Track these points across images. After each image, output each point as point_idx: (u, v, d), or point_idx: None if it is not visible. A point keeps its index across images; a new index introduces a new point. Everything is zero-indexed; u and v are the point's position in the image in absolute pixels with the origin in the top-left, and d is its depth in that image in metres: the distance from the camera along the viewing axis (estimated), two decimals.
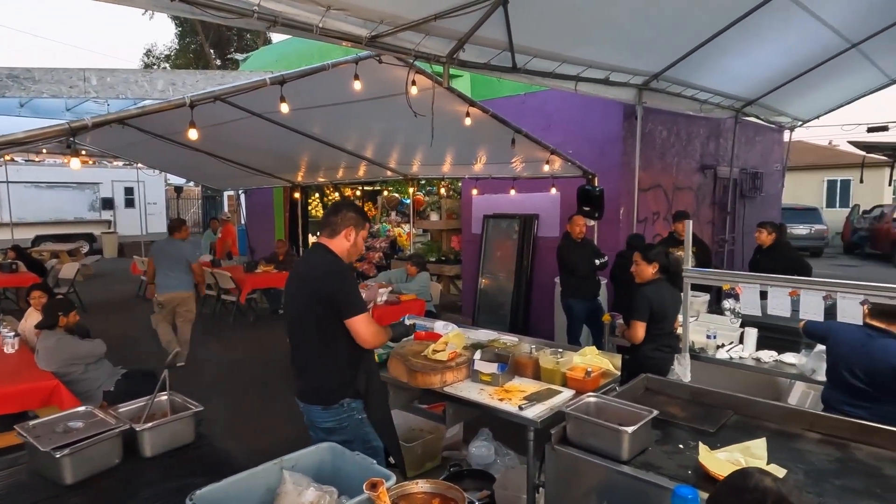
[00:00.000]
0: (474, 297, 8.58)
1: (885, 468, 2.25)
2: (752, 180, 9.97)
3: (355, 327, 2.66)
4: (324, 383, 2.73)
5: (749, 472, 1.48)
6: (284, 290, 2.95)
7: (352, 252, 2.83)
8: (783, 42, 6.89)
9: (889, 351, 2.82)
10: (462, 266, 9.34)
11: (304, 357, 2.79)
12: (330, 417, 2.71)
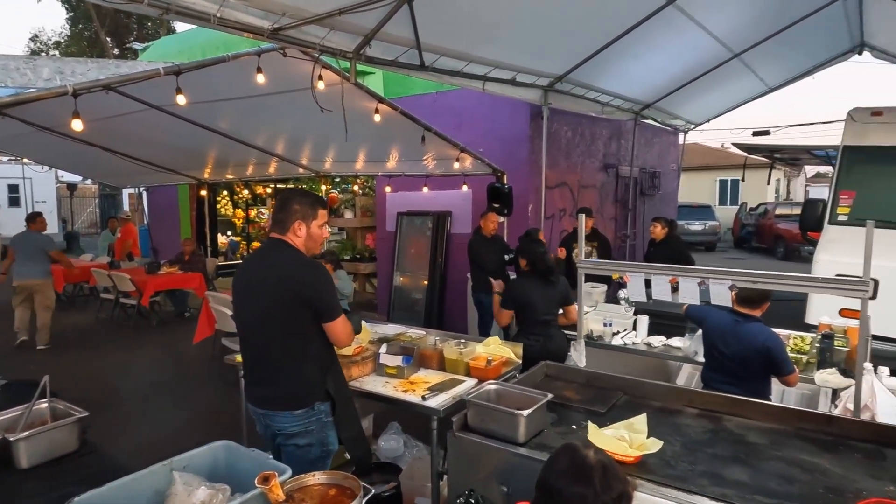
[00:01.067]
0: (389, 295, 8.59)
1: (750, 436, 2.50)
2: (650, 179, 10.62)
3: (335, 329, 2.54)
4: (297, 388, 2.57)
5: (575, 446, 1.55)
6: (237, 291, 2.71)
7: (309, 245, 2.63)
8: (674, 50, 7.40)
9: (753, 334, 3.13)
10: (377, 264, 9.33)
11: (271, 361, 2.59)
12: (297, 422, 2.56)
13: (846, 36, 9.12)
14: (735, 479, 2.14)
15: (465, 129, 7.56)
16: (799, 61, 9.79)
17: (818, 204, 5.95)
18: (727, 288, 2.71)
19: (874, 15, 8.06)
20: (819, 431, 2.48)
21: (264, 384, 2.62)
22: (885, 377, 3.52)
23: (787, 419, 2.57)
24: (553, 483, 1.49)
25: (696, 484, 2.10)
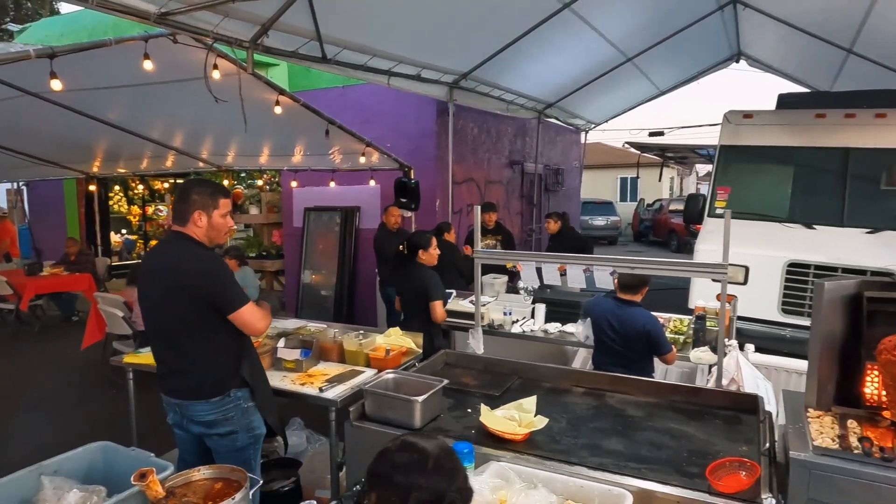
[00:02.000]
0: (297, 292, 8.42)
1: (629, 410, 2.70)
2: (554, 175, 11.07)
3: (242, 319, 2.49)
4: (208, 378, 2.55)
5: (410, 441, 1.49)
6: (142, 287, 2.65)
7: (212, 235, 2.58)
8: (573, 52, 7.75)
9: (635, 317, 3.38)
10: (284, 261, 9.11)
11: (180, 355, 2.56)
12: (213, 410, 2.54)
13: (725, 45, 9.95)
14: (612, 448, 2.31)
15: (372, 123, 7.54)
16: (685, 67, 10.56)
17: (699, 198, 6.45)
18: (609, 274, 2.91)
19: (748, 27, 8.85)
20: (688, 402, 2.72)
21: (176, 376, 2.59)
22: (750, 353, 3.91)
23: (661, 393, 2.80)
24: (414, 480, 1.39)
25: (578, 455, 2.25)
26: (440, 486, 1.38)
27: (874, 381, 2.34)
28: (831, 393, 2.44)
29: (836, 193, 5.68)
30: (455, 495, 1.39)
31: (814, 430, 2.20)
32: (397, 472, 1.39)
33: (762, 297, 5.45)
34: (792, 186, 6.06)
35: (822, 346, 2.40)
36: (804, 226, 5.63)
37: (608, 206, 21.85)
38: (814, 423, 2.26)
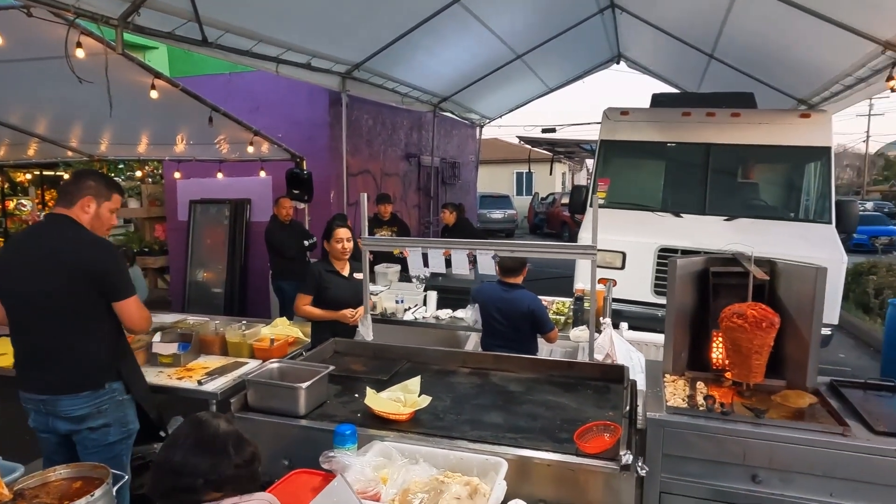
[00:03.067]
0: (184, 290, 7.97)
1: (510, 386, 2.83)
2: (451, 169, 11.27)
3: (129, 309, 2.46)
4: (84, 369, 2.47)
5: (204, 419, 1.53)
6: (5, 272, 2.52)
7: (95, 225, 2.52)
8: (465, 47, 7.93)
9: (519, 299, 3.56)
10: (169, 257, 8.59)
11: (55, 343, 2.45)
12: (85, 403, 2.46)
13: (606, 47, 10.59)
14: (492, 422, 2.42)
15: (262, 113, 7.29)
16: (571, 66, 11.13)
17: (582, 190, 6.84)
18: (491, 258, 3.04)
19: (626, 30, 9.49)
20: (564, 376, 2.90)
21: (47, 368, 2.48)
22: (625, 331, 4.22)
23: (540, 369, 2.96)
24: (180, 459, 1.42)
25: (460, 430, 2.33)
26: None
27: (719, 347, 2.63)
28: (685, 359, 2.71)
29: (699, 185, 6.24)
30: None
31: (668, 392, 2.44)
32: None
33: (638, 280, 5.87)
34: (664, 179, 6.59)
35: (676, 318, 2.65)
36: (673, 214, 6.12)
37: (505, 199, 22.56)
38: (669, 386, 2.50)
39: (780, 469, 2.13)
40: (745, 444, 2.15)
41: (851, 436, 2.08)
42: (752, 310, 2.36)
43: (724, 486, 2.20)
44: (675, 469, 2.25)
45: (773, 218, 5.93)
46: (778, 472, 2.14)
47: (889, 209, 24.92)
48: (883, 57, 5.07)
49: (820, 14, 4.98)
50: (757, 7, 5.60)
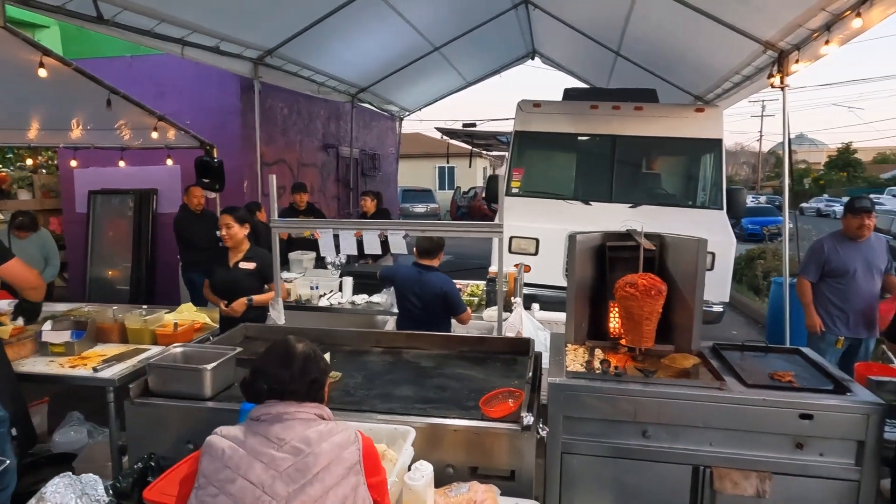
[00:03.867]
0: (84, 287, 7.47)
1: (422, 362, 2.89)
2: (371, 160, 11.20)
3: (11, 272, 2.37)
4: None
5: (287, 340, 1.74)
6: None
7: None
8: (382, 37, 7.90)
9: (433, 281, 3.62)
10: (66, 252, 8.00)
11: None
12: None
13: (522, 43, 10.88)
14: (403, 395, 2.47)
15: (168, 98, 6.94)
16: (489, 60, 11.34)
17: (498, 179, 7.00)
18: (401, 237, 3.08)
19: (539, 27, 9.79)
20: (474, 351, 2.99)
21: None
22: (536, 312, 4.39)
23: (451, 345, 3.04)
24: (261, 365, 1.65)
25: (370, 404, 2.36)
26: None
27: (615, 317, 2.80)
28: (585, 330, 2.87)
29: (607, 174, 6.56)
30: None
31: (569, 359, 2.58)
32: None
33: (551, 265, 6.09)
34: (575, 168, 6.88)
35: (577, 291, 2.80)
36: (583, 202, 6.40)
37: (427, 193, 22.69)
38: (570, 354, 2.64)
39: (667, 423, 2.31)
40: (636, 403, 2.31)
41: (727, 389, 2.29)
42: (643, 279, 2.54)
43: (618, 443, 2.36)
44: (574, 430, 2.38)
45: (673, 205, 6.33)
46: (665, 426, 2.32)
47: (779, 202, 27.21)
48: (765, 56, 5.55)
49: (710, 14, 5.37)
50: (655, 7, 5.95)
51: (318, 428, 1.53)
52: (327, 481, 1.45)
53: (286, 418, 1.53)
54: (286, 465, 1.45)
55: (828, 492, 2.22)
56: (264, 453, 1.46)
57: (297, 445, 1.48)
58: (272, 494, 1.41)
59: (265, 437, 1.50)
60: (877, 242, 4.24)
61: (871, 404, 2.18)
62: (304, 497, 1.42)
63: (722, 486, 2.26)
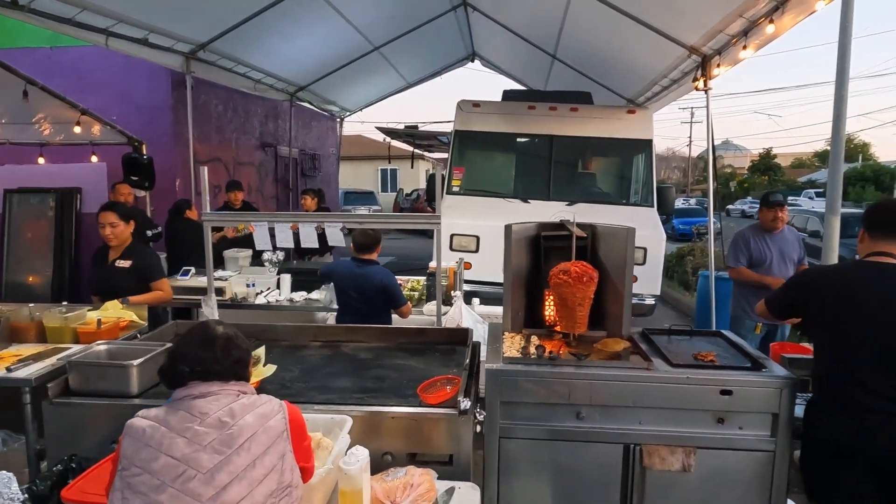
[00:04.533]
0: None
1: (361, 354, 2.87)
2: (311, 161, 11.04)
3: None
4: None
5: (206, 323, 1.70)
6: None
7: None
8: (321, 34, 7.80)
9: (373, 274, 3.62)
10: None
11: None
12: None
13: (461, 45, 11.00)
14: (341, 386, 2.45)
15: (91, 92, 6.61)
16: (429, 62, 11.40)
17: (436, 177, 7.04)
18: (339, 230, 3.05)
19: (478, 29, 9.93)
20: (414, 342, 3.00)
21: None
22: (476, 306, 4.44)
23: (390, 337, 3.03)
24: (181, 348, 1.60)
25: (307, 396, 2.33)
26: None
27: (551, 306, 2.88)
28: (522, 318, 2.93)
29: (544, 173, 6.71)
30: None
31: (505, 346, 2.62)
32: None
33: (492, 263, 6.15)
34: (514, 167, 7.01)
35: (513, 280, 2.85)
36: (522, 200, 6.52)
37: (370, 196, 22.53)
38: (506, 341, 2.69)
39: (599, 404, 2.39)
40: (569, 385, 2.38)
41: (654, 369, 2.39)
42: (575, 267, 2.61)
43: (553, 426, 2.42)
44: (511, 414, 2.42)
45: (608, 203, 6.55)
46: (598, 407, 2.39)
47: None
48: (689, 60, 5.83)
49: (639, 19, 5.60)
50: (587, 11, 6.14)
51: (241, 401, 1.52)
52: (253, 450, 1.44)
53: (209, 395, 1.51)
54: (210, 439, 1.42)
55: (747, 463, 2.36)
56: (187, 428, 1.43)
57: (221, 418, 1.46)
58: (196, 467, 1.39)
59: (187, 412, 1.47)
60: (790, 235, 4.55)
61: (784, 378, 2.33)
62: (231, 467, 1.40)
63: (651, 462, 2.35)
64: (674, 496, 2.38)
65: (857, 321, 2.17)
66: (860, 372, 2.16)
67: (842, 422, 2.19)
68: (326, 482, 1.83)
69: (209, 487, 1.38)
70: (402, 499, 1.80)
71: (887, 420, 2.12)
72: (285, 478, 1.49)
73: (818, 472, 2.34)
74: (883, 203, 2.35)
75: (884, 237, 2.25)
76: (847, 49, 6.13)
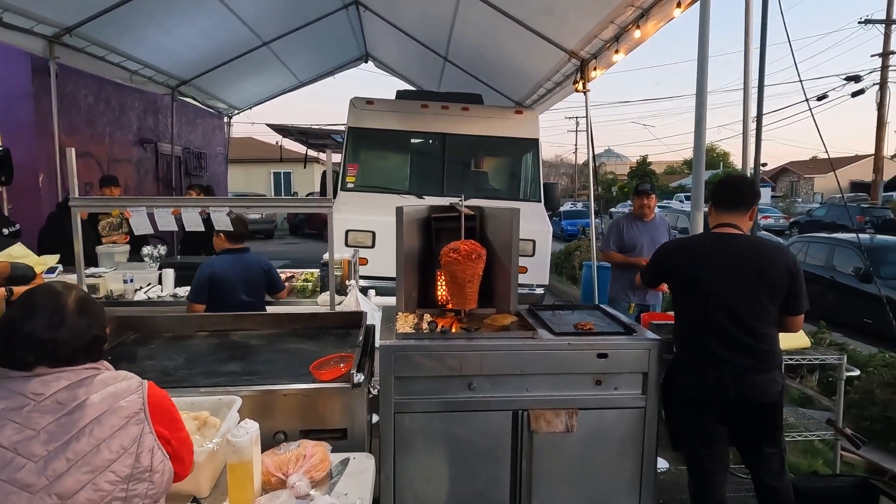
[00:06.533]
0: None
1: (251, 342, 2.79)
2: (196, 160, 10.48)
3: None
4: None
5: (51, 287, 1.44)
6: None
7: None
8: (205, 26, 7.44)
9: (254, 261, 3.58)
10: None
11: None
12: None
13: (354, 45, 10.93)
14: (229, 371, 2.37)
15: None
16: (322, 61, 11.22)
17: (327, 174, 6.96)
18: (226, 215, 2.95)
19: (371, 30, 9.93)
20: (308, 327, 2.97)
21: None
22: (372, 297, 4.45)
23: (282, 324, 2.97)
24: (20, 325, 1.33)
25: (192, 381, 2.23)
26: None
27: (443, 285, 2.96)
28: (415, 299, 2.99)
29: (438, 170, 6.86)
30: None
31: (399, 324, 2.67)
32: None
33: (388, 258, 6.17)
34: (409, 164, 7.10)
35: (406, 262, 2.91)
36: (416, 196, 6.61)
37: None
38: (400, 320, 2.74)
39: (489, 374, 2.50)
40: (461, 357, 2.47)
41: (539, 338, 2.54)
42: (465, 245, 2.72)
43: (446, 398, 2.49)
44: (405, 389, 2.47)
45: (499, 198, 6.80)
46: (488, 377, 2.50)
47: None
48: (570, 64, 6.22)
49: (523, 23, 5.89)
50: (475, 13, 6.36)
51: (86, 380, 1.34)
52: (98, 433, 1.28)
53: (47, 374, 1.33)
54: (45, 423, 1.26)
55: (622, 420, 2.56)
56: (17, 412, 1.26)
57: (60, 400, 1.29)
58: (28, 455, 1.23)
59: (20, 393, 1.29)
60: (661, 223, 4.99)
61: (651, 340, 2.56)
62: (69, 454, 1.25)
63: (538, 425, 2.49)
64: (559, 456, 2.54)
65: (710, 282, 2.44)
66: (714, 328, 2.43)
67: (701, 374, 2.45)
68: (214, 460, 1.77)
69: (41, 477, 1.22)
70: (295, 470, 1.78)
71: (740, 371, 2.40)
72: (143, 462, 1.33)
73: (680, 422, 2.60)
74: (724, 180, 2.66)
75: (725, 210, 2.56)
76: (705, 61, 6.83)
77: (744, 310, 2.40)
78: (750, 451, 2.54)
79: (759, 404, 2.44)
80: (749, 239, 2.53)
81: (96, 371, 1.39)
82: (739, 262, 2.43)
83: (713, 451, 2.51)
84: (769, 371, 2.43)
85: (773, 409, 2.47)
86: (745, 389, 2.40)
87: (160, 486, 1.37)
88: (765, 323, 2.42)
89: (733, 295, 2.40)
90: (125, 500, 1.29)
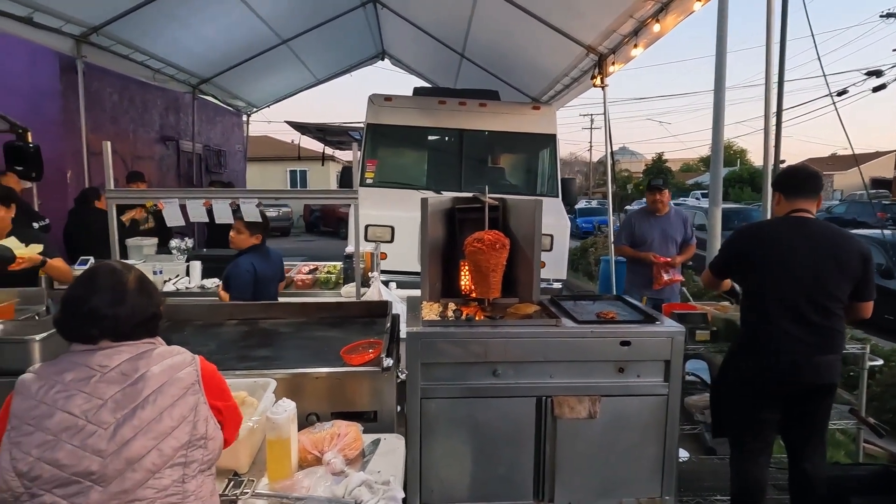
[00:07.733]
0: None
1: (280, 329, 2.87)
2: (216, 157, 10.63)
3: None
4: None
5: (112, 267, 1.51)
6: None
7: None
8: (225, 25, 7.56)
9: (276, 256, 3.68)
10: None
11: None
12: None
13: (371, 43, 11.02)
14: (261, 356, 2.45)
15: None
16: (339, 59, 11.33)
17: (350, 170, 7.05)
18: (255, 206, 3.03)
19: (388, 27, 10.00)
20: (333, 316, 3.04)
21: None
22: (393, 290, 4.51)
23: (309, 312, 3.05)
24: (85, 301, 1.40)
25: (227, 365, 2.30)
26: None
27: (466, 275, 3.01)
28: (439, 288, 3.05)
29: (456, 165, 6.91)
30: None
31: (424, 312, 2.72)
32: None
33: (407, 252, 6.27)
34: (427, 160, 7.16)
35: (430, 252, 2.96)
36: (434, 192, 6.66)
37: None
38: (425, 308, 2.79)
39: (514, 361, 2.54)
40: (486, 344, 2.52)
41: (562, 326, 2.58)
42: (489, 235, 2.77)
43: (471, 384, 2.54)
44: (431, 375, 2.52)
45: (516, 194, 6.84)
46: (512, 364, 2.55)
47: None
48: (587, 59, 6.24)
49: (541, 18, 5.92)
50: (493, 9, 6.40)
51: (146, 353, 1.42)
52: (160, 402, 1.35)
53: (111, 348, 1.40)
54: (112, 393, 1.33)
55: (644, 407, 2.60)
56: (85, 383, 1.33)
57: (123, 371, 1.37)
58: (98, 423, 1.30)
59: (86, 365, 1.36)
60: (675, 217, 4.98)
61: (674, 329, 2.59)
62: (136, 421, 1.32)
63: (561, 412, 2.54)
64: (581, 442, 2.58)
65: (791, 264, 2.52)
66: (792, 309, 2.51)
67: (773, 356, 2.53)
68: (252, 438, 1.85)
69: (111, 443, 1.29)
70: (330, 448, 1.85)
71: (812, 352, 2.50)
72: (199, 429, 1.40)
73: (732, 407, 2.67)
74: (791, 170, 2.79)
75: (800, 196, 2.64)
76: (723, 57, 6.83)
77: (821, 292, 2.50)
78: (800, 438, 2.65)
79: (819, 387, 2.54)
80: (824, 224, 2.68)
81: (153, 346, 1.47)
82: (819, 245, 2.53)
83: (762, 437, 2.64)
84: (836, 351, 2.54)
85: (830, 393, 2.59)
86: (814, 369, 2.51)
87: (214, 453, 1.44)
88: (838, 304, 2.52)
89: (812, 277, 2.50)
90: (184, 465, 1.36)
